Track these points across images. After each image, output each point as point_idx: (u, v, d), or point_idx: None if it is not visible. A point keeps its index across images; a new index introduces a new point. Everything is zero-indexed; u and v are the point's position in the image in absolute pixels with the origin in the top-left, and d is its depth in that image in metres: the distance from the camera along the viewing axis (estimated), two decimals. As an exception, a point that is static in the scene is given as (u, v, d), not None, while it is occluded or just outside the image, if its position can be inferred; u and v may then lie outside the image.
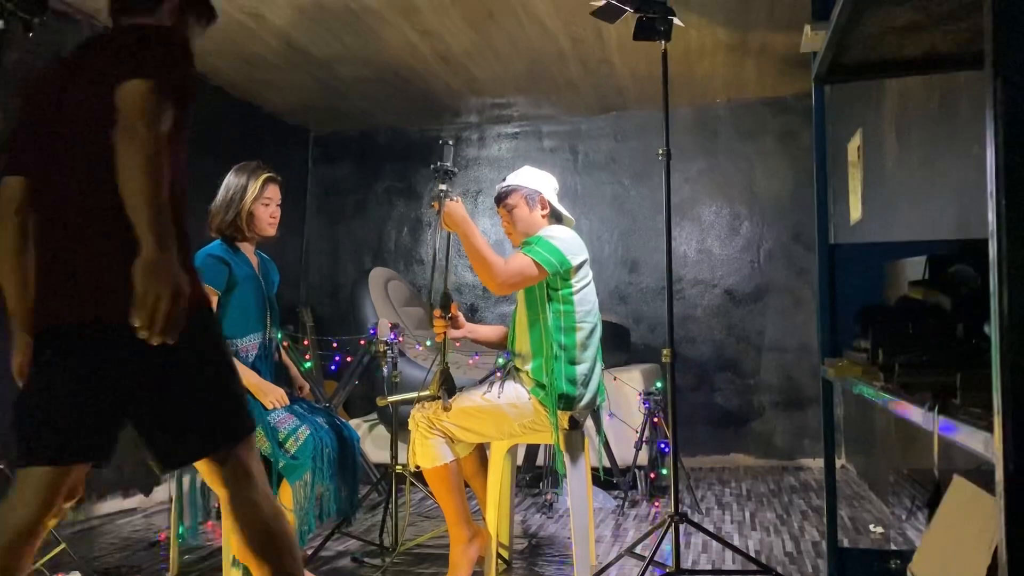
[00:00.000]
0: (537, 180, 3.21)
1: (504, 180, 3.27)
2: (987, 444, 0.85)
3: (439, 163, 3.04)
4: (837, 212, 4.84)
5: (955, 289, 1.47)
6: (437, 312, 3.08)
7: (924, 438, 3.24)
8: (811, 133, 2.40)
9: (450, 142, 3.15)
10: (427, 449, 2.94)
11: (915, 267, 1.79)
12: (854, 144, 4.54)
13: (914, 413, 1.09)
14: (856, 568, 2.01)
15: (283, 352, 3.27)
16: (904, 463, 3.51)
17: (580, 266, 3.09)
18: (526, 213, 3.19)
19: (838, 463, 5.16)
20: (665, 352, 2.87)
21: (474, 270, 3.04)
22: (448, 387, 2.93)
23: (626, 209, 5.85)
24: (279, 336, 3.21)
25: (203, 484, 3.20)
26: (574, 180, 5.91)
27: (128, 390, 1.80)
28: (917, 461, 3.24)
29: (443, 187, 3.01)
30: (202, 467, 1.90)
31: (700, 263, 5.70)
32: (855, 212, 4.51)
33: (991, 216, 0.81)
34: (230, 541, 2.71)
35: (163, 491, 4.56)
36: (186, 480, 3.18)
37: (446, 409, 2.91)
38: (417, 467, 2.98)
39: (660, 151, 2.92)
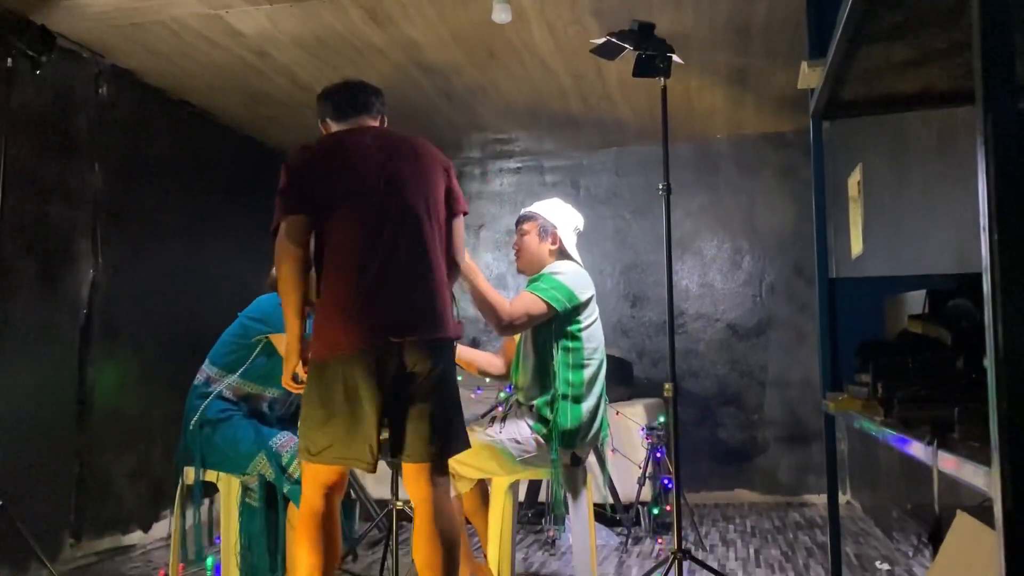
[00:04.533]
0: (557, 215, 3.21)
1: (531, 206, 3.28)
2: (986, 478, 0.85)
3: None
4: (838, 246, 4.85)
5: (955, 323, 1.48)
6: None
7: (928, 473, 3.21)
8: (811, 168, 2.42)
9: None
10: None
11: (915, 301, 1.80)
12: (854, 179, 4.56)
13: (914, 447, 1.09)
14: (861, 606, 1.99)
15: None
16: (908, 498, 3.48)
17: (588, 302, 3.09)
18: (535, 243, 3.19)
19: (843, 499, 5.11)
20: (667, 387, 2.87)
21: (479, 311, 3.04)
22: None
23: (628, 243, 5.87)
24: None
25: (204, 519, 3.20)
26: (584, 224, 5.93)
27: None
28: (922, 496, 3.21)
29: None
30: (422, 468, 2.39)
31: (702, 297, 5.70)
32: (856, 246, 4.52)
33: (984, 250, 0.81)
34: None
35: (162, 527, 4.53)
36: (189, 513, 3.17)
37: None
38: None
39: (660, 186, 2.93)
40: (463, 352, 3.30)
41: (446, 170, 2.64)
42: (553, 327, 3.04)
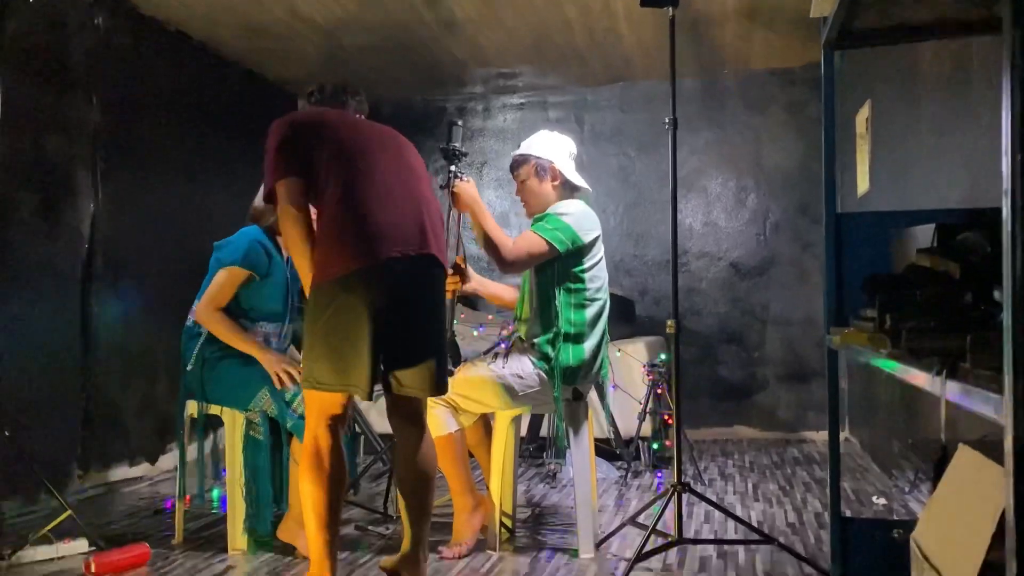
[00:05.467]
0: (549, 148, 3.15)
1: (519, 147, 3.23)
2: (997, 407, 0.84)
3: (449, 144, 3.02)
4: (844, 185, 4.80)
5: (964, 257, 1.46)
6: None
7: (929, 409, 3.23)
8: (820, 102, 2.37)
9: (459, 122, 3.12)
10: (432, 419, 2.94)
11: (923, 235, 1.78)
12: (862, 116, 4.49)
13: (921, 379, 1.08)
14: (859, 538, 2.01)
15: (295, 347, 3.30)
16: (908, 435, 3.51)
17: (593, 243, 3.06)
18: (536, 185, 3.14)
19: (842, 436, 5.16)
20: (669, 323, 2.86)
21: (484, 250, 3.02)
22: (453, 355, 2.93)
23: (632, 181, 5.82)
24: (296, 329, 3.24)
25: (209, 452, 3.24)
26: (580, 151, 5.82)
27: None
28: (922, 433, 3.24)
29: (453, 168, 3.00)
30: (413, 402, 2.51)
31: (706, 236, 5.67)
32: (862, 184, 4.47)
33: (1005, 171, 0.79)
34: (293, 498, 2.82)
35: (169, 459, 4.59)
36: (192, 448, 3.21)
37: (450, 375, 2.91)
38: None
39: (667, 119, 2.88)
40: (488, 285, 3.30)
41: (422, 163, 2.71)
42: (556, 267, 3.03)
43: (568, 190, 3.17)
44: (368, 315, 2.36)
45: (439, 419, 2.95)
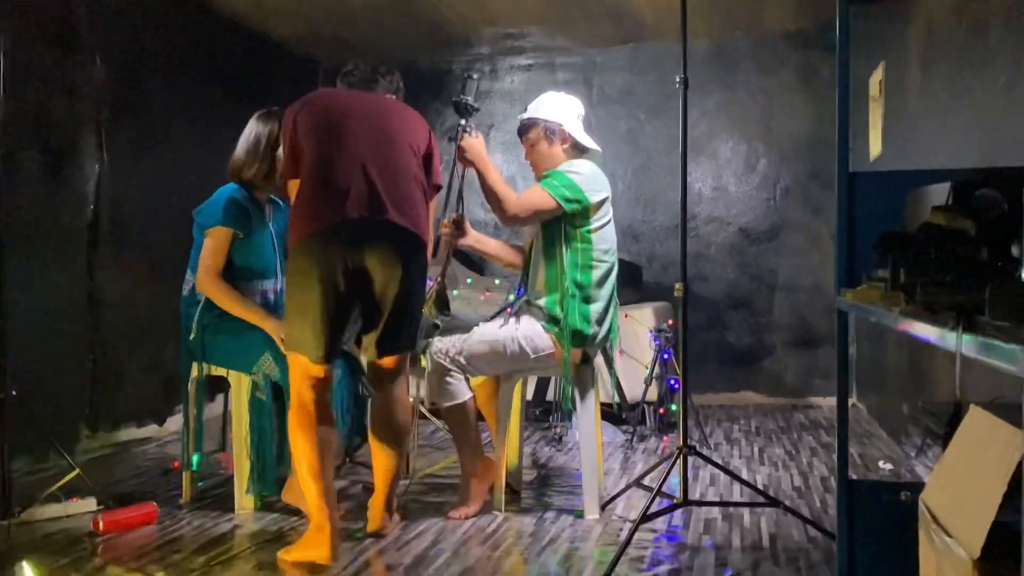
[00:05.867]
0: (557, 110, 3.11)
1: (526, 110, 3.19)
2: (1016, 360, 0.82)
3: (461, 97, 2.99)
4: (855, 149, 4.74)
5: (980, 214, 1.43)
6: (445, 222, 3.06)
7: (939, 374, 3.21)
8: (833, 65, 2.32)
9: (475, 75, 3.10)
10: (446, 387, 2.94)
11: (938, 194, 1.74)
12: (876, 78, 4.42)
13: (936, 335, 1.06)
14: (866, 500, 2.00)
15: None
16: (917, 400, 3.49)
17: (600, 204, 3.03)
18: (546, 149, 3.11)
19: (849, 401, 5.15)
20: (677, 286, 2.83)
21: (487, 203, 3.01)
22: (441, 305, 2.94)
23: (641, 145, 5.75)
24: None
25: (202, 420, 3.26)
26: (588, 114, 5.74)
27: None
28: (931, 397, 3.22)
29: (463, 122, 2.96)
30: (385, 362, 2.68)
31: (715, 200, 5.62)
32: (875, 148, 4.41)
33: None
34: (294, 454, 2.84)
35: (176, 421, 4.61)
36: (194, 410, 3.21)
37: (436, 328, 2.93)
38: (433, 403, 2.97)
39: (678, 79, 2.83)
40: (486, 242, 3.28)
41: (430, 137, 2.78)
42: (562, 226, 3.00)
43: (578, 152, 3.14)
44: (323, 278, 2.49)
45: (453, 388, 2.94)
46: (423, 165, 2.73)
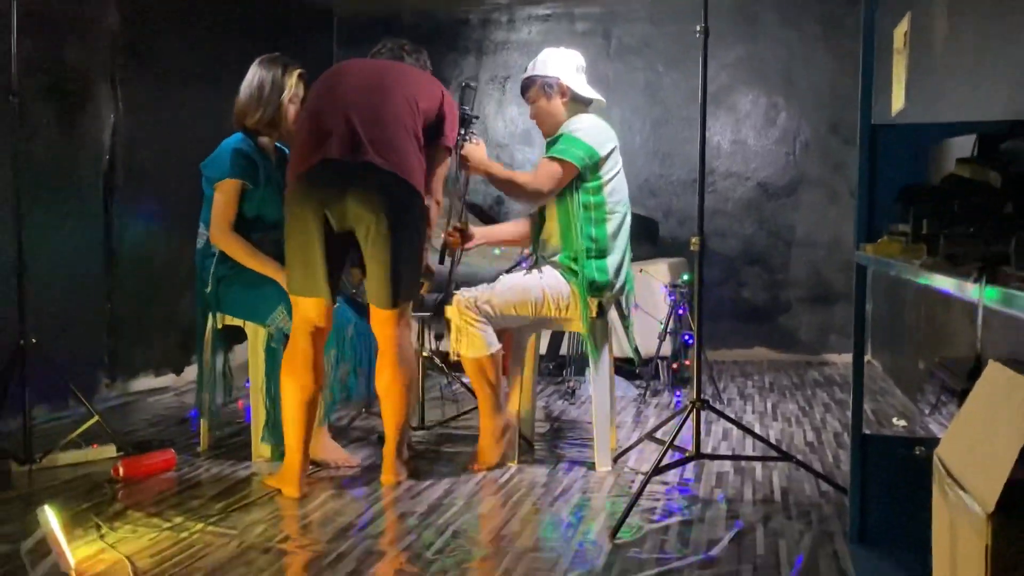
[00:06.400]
0: (553, 65, 3.09)
1: (527, 69, 3.17)
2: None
3: (461, 107, 3.03)
4: (877, 103, 4.64)
5: (1006, 166, 1.40)
6: (449, 231, 3.14)
7: (956, 331, 3.18)
8: (856, 16, 2.26)
9: (472, 84, 3.13)
10: (474, 339, 2.90)
11: (963, 148, 1.70)
12: (900, 30, 4.32)
13: (958, 287, 1.04)
14: (879, 454, 2.00)
15: None
16: (933, 358, 3.47)
17: (609, 155, 3.01)
18: (546, 105, 3.10)
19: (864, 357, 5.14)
20: (693, 240, 2.80)
21: (509, 196, 3.04)
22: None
23: (659, 98, 5.67)
24: None
25: (226, 365, 3.28)
26: (606, 66, 5.71)
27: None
28: (947, 354, 3.20)
29: (463, 131, 3.01)
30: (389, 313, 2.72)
31: (734, 155, 5.55)
32: (897, 102, 4.33)
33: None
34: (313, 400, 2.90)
35: (194, 370, 4.65)
36: (209, 360, 3.24)
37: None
38: (458, 355, 2.95)
39: (698, 28, 2.77)
40: (495, 232, 3.31)
41: (442, 98, 2.82)
42: (574, 184, 2.98)
43: (581, 104, 3.10)
44: (309, 218, 2.62)
45: (481, 339, 2.91)
46: (434, 126, 2.78)
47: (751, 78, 5.52)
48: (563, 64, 3.08)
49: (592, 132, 2.97)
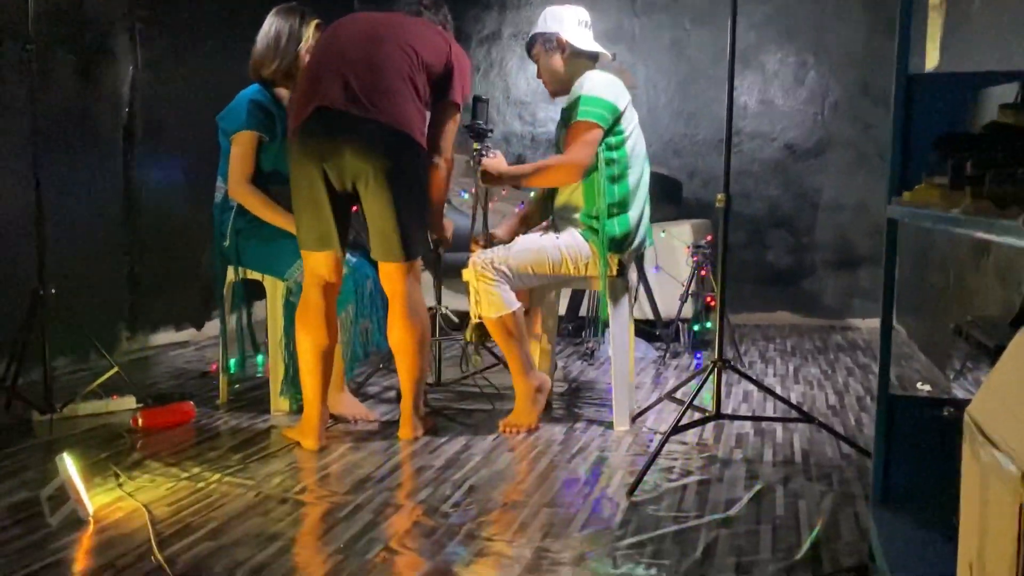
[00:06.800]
0: (552, 22, 3.03)
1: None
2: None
3: (475, 122, 3.02)
4: (910, 64, 4.51)
5: (1053, 113, 1.33)
6: (475, 243, 3.08)
7: (985, 294, 3.11)
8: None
9: (484, 98, 3.11)
10: (494, 298, 2.86)
11: (1003, 98, 1.63)
12: (938, -15, 4.18)
13: (1004, 229, 0.99)
14: (906, 414, 1.96)
15: None
16: (963, 319, 3.40)
17: (626, 108, 2.96)
18: (548, 62, 3.07)
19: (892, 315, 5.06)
20: (719, 197, 2.74)
21: (550, 185, 3.03)
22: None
23: (685, 56, 5.55)
24: None
25: (249, 321, 3.28)
26: (632, 24, 5.60)
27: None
28: (975, 315, 3.13)
29: (478, 146, 2.99)
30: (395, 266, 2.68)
31: (760, 115, 5.44)
32: (932, 60, 4.21)
33: None
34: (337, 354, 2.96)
35: (214, 326, 4.67)
36: (233, 316, 3.24)
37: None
38: (479, 318, 2.91)
39: (727, -21, 2.68)
40: (523, 219, 3.22)
41: (449, 54, 2.75)
42: None
43: (585, 59, 3.04)
44: (306, 169, 2.60)
45: (499, 298, 2.86)
46: (442, 80, 2.73)
47: (780, 36, 5.39)
48: (562, 19, 3.02)
49: (606, 88, 2.91)
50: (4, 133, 3.47)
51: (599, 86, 2.90)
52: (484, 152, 2.99)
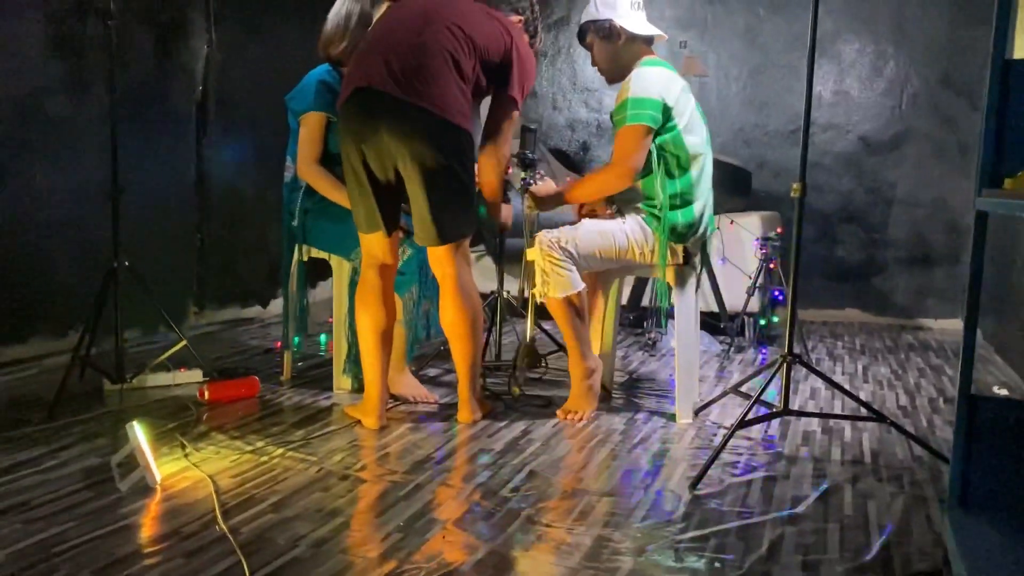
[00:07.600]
0: (603, 8, 2.94)
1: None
2: None
3: (523, 152, 3.04)
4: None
5: None
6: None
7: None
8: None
9: (532, 127, 3.12)
10: (560, 278, 2.83)
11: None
12: (1032, -29, 3.99)
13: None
14: (988, 416, 1.87)
15: None
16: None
17: (678, 97, 2.86)
18: (603, 49, 2.99)
19: (962, 324, 4.88)
20: (795, 186, 2.66)
21: (607, 194, 3.00)
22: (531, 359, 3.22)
23: (758, 43, 5.42)
24: None
25: (307, 303, 3.31)
26: (704, 10, 5.48)
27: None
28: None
29: (525, 175, 2.99)
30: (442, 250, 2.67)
31: (835, 106, 5.28)
32: (1022, 49, 4.02)
33: None
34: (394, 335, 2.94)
35: (278, 304, 4.74)
36: (296, 291, 3.27)
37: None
38: (543, 299, 2.88)
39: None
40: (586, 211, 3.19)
41: (510, 45, 2.69)
42: (652, 137, 2.87)
43: (641, 43, 2.95)
44: (351, 149, 2.60)
45: (567, 277, 2.83)
46: (499, 69, 2.68)
47: (859, 25, 5.22)
48: (616, 4, 2.93)
49: (652, 85, 2.82)
50: (85, 107, 3.56)
51: (646, 85, 2.82)
52: (532, 180, 3.01)
